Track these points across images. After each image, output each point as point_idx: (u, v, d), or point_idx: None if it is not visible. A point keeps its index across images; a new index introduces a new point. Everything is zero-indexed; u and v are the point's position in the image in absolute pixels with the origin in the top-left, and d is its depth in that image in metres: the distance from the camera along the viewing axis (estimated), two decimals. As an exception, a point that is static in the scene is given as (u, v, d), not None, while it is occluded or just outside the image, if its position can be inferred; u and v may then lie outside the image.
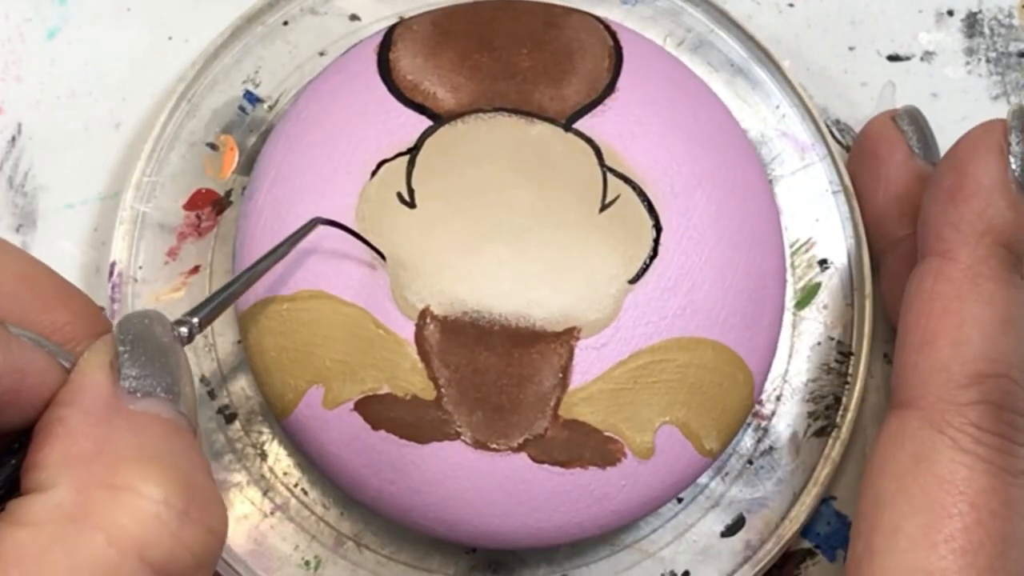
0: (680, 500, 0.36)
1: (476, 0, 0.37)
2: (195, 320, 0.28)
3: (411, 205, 0.34)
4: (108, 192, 0.39)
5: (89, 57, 0.40)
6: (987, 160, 0.33)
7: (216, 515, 0.25)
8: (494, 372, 0.33)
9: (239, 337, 0.36)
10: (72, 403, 0.25)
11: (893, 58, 0.41)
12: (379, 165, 0.34)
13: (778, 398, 0.37)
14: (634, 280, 0.33)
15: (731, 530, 0.36)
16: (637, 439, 0.33)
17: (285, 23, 0.39)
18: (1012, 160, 0.33)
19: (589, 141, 0.34)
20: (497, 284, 0.33)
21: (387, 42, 0.36)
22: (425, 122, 0.35)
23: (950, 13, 0.41)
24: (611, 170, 0.34)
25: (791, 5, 0.41)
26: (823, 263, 0.38)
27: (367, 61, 0.36)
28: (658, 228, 0.34)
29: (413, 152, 0.34)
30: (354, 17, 0.39)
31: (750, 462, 0.37)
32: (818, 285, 0.38)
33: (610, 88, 0.35)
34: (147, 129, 0.38)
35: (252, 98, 0.39)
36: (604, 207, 0.34)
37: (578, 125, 0.35)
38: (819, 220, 0.38)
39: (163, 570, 0.24)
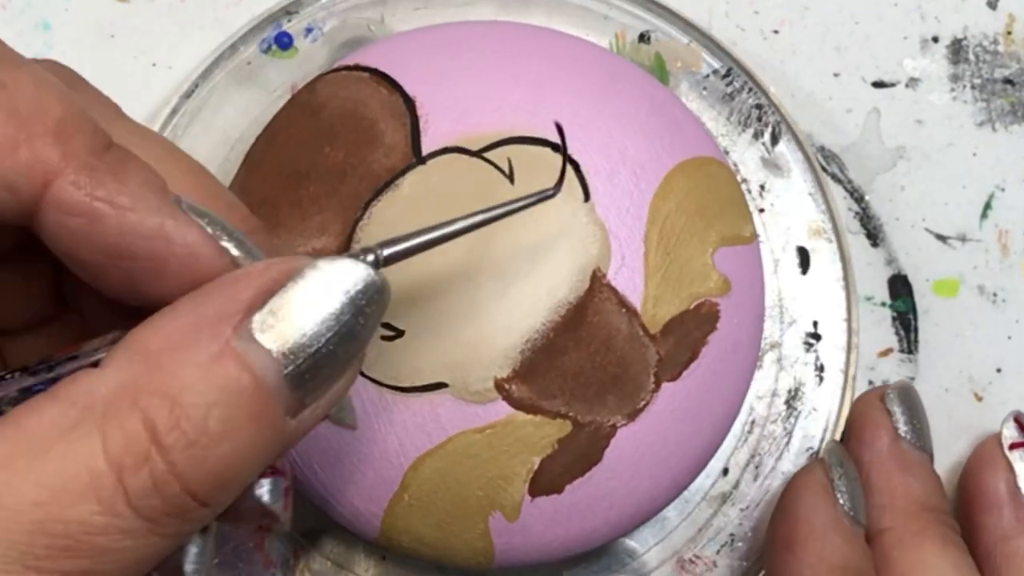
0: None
1: (244, 159, 0.35)
2: (383, 252, 0.25)
3: (399, 333, 0.33)
4: (91, 219, 0.39)
5: (72, 83, 0.40)
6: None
7: (215, 494, 0.23)
8: (586, 361, 0.32)
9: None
10: (197, 301, 0.23)
11: (878, 84, 0.41)
12: None
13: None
14: (587, 198, 0.33)
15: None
16: (712, 281, 0.33)
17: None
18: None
19: (448, 150, 0.34)
20: (515, 308, 0.33)
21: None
22: None
23: (935, 39, 0.41)
24: (480, 153, 0.34)
25: (776, 32, 0.41)
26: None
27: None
28: (556, 148, 0.34)
29: None
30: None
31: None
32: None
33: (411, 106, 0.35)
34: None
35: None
36: (511, 177, 0.33)
37: (426, 153, 0.34)
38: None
39: (134, 504, 0.22)
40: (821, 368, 0.38)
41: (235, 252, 0.25)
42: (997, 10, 0.41)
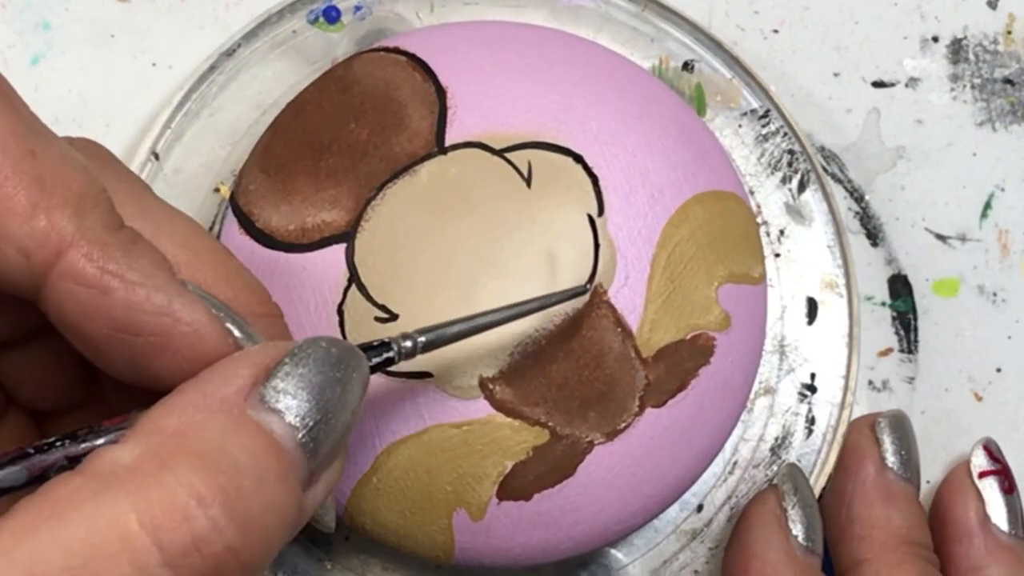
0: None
1: (272, 124, 0.35)
2: (421, 339, 0.28)
3: (392, 316, 0.33)
4: (91, 219, 0.39)
5: (73, 83, 0.40)
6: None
7: (254, 552, 0.23)
8: (574, 374, 0.33)
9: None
10: (201, 381, 0.24)
11: (878, 84, 0.41)
12: (338, 309, 0.33)
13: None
14: (601, 212, 0.33)
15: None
16: (712, 315, 0.33)
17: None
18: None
19: (470, 144, 0.34)
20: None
21: (241, 217, 0.34)
22: (339, 248, 0.34)
23: (935, 39, 0.41)
24: (502, 153, 0.34)
25: (776, 32, 0.41)
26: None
27: (243, 248, 0.34)
28: (579, 159, 0.34)
29: (353, 278, 0.33)
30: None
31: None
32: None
33: (441, 96, 0.35)
34: (130, 156, 0.38)
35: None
36: (528, 180, 0.34)
37: (449, 144, 0.34)
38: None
39: (172, 563, 0.22)
40: (812, 421, 0.38)
41: (237, 334, 0.26)
42: (997, 10, 0.41)
